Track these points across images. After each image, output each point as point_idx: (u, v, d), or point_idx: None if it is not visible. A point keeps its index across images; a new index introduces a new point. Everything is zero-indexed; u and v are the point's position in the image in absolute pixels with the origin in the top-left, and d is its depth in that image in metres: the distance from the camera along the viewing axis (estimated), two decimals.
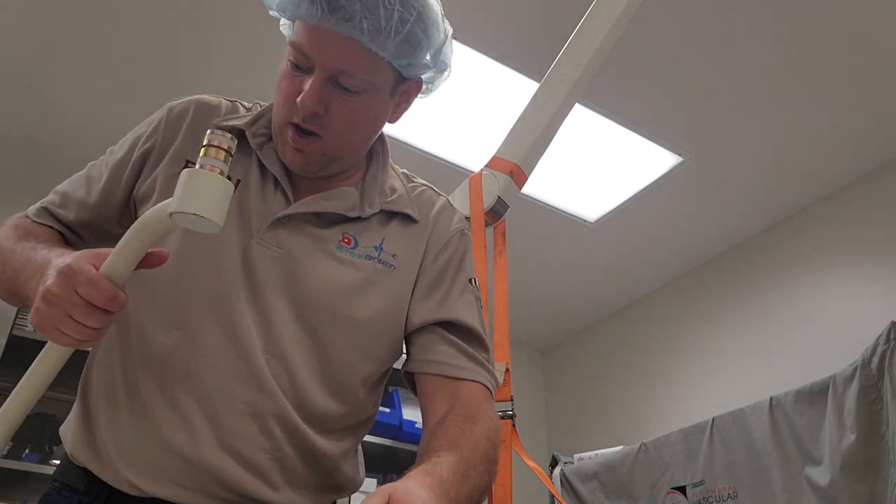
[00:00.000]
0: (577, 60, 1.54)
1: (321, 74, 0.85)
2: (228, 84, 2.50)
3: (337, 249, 0.91)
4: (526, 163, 1.54)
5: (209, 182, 0.65)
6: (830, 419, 1.85)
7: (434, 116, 2.64)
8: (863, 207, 2.83)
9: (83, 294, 0.69)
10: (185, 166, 0.92)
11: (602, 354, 3.92)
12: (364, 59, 0.85)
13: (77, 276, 0.69)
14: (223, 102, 1.01)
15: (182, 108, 0.99)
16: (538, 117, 1.54)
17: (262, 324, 0.85)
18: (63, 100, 2.63)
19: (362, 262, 0.91)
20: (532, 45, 2.34)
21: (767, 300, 3.08)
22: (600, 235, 3.27)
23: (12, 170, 2.91)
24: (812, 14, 2.22)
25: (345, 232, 0.92)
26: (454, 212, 1.04)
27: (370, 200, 0.95)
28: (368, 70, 0.86)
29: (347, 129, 0.90)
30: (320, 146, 0.90)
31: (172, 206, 0.64)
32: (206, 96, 1.01)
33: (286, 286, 0.87)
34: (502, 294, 1.40)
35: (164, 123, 0.98)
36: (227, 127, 0.95)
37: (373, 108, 0.91)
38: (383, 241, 0.94)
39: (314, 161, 0.91)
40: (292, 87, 0.87)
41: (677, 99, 2.56)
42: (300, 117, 0.87)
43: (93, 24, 2.32)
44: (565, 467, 2.74)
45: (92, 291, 0.69)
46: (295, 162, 0.91)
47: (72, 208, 0.97)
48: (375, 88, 0.89)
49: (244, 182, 0.93)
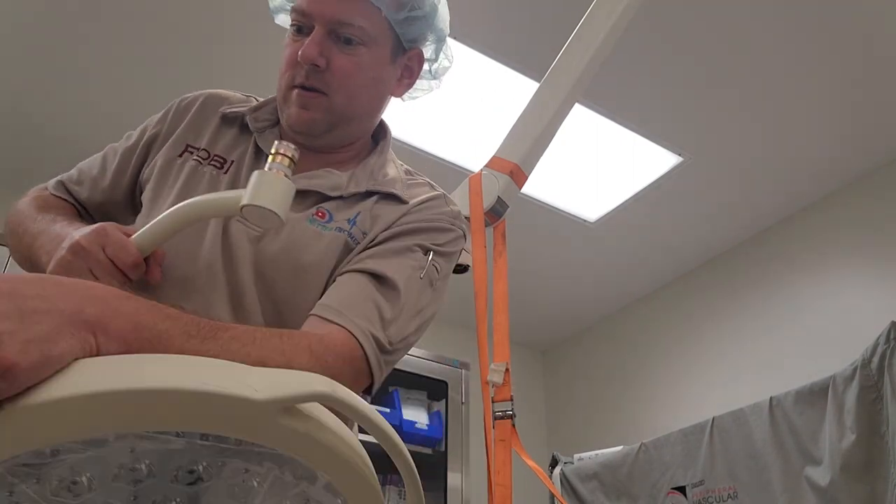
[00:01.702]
0: (577, 60, 1.54)
1: (321, 28, 0.89)
2: (241, 91, 2.50)
3: (308, 221, 0.89)
4: (526, 163, 1.54)
5: (277, 182, 0.74)
6: (830, 419, 1.85)
7: (434, 116, 2.64)
8: (863, 207, 2.83)
9: (110, 253, 0.73)
10: (184, 150, 0.96)
11: (602, 354, 3.92)
12: (361, 9, 0.90)
13: (108, 236, 0.73)
14: (235, 95, 1.04)
15: (192, 98, 1.03)
16: (538, 117, 1.54)
17: (234, 300, 0.85)
18: (65, 99, 2.64)
19: (331, 234, 0.89)
20: (532, 45, 2.34)
21: (767, 300, 3.08)
22: (600, 235, 3.27)
23: (12, 169, 2.91)
24: (812, 14, 2.22)
25: (320, 207, 0.91)
26: (445, 203, 0.97)
27: (356, 182, 0.94)
28: (365, 18, 0.90)
29: (350, 85, 0.91)
30: (325, 102, 0.91)
31: (245, 199, 0.72)
32: (220, 90, 1.04)
33: (254, 262, 0.87)
34: (502, 294, 1.40)
35: (174, 112, 1.01)
36: (233, 114, 0.98)
37: (373, 65, 0.93)
38: (357, 215, 0.91)
39: (320, 120, 0.92)
40: (293, 51, 0.91)
41: (677, 99, 2.56)
42: (303, 75, 0.90)
43: (97, 25, 2.32)
44: (565, 467, 2.73)
45: (120, 252, 0.73)
46: (301, 120, 0.91)
47: (86, 186, 1.00)
48: (374, 41, 0.92)
49: (237, 164, 0.95)
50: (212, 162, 0.95)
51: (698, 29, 2.29)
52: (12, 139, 2.81)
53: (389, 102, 1.03)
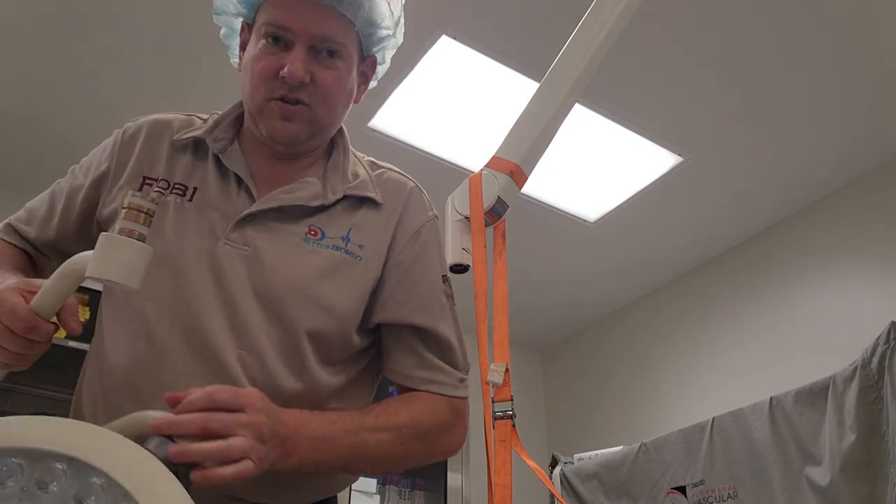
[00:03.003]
0: (577, 60, 1.53)
1: (304, 44, 0.90)
2: (240, 90, 2.50)
3: (303, 241, 0.92)
4: (526, 163, 1.54)
5: (125, 248, 0.68)
6: (830, 419, 1.85)
7: (434, 116, 2.64)
8: (863, 208, 2.83)
9: (4, 321, 0.73)
10: (143, 183, 0.95)
11: (602, 354, 3.92)
12: (340, 25, 0.92)
13: (1, 304, 0.74)
14: (177, 118, 1.03)
15: (136, 128, 1.01)
16: (538, 117, 1.53)
17: (233, 322, 0.86)
18: (65, 99, 2.64)
19: (328, 252, 0.92)
20: (532, 45, 2.34)
21: (767, 300, 3.08)
22: (600, 235, 3.27)
23: (14, 169, 2.91)
24: (812, 14, 2.22)
25: (311, 224, 0.94)
26: (423, 196, 1.04)
27: (333, 187, 0.96)
28: (345, 36, 0.93)
29: (330, 97, 0.94)
30: (308, 114, 0.93)
31: (89, 269, 0.68)
32: (160, 115, 1.03)
33: (253, 281, 0.88)
34: (502, 294, 1.40)
35: (119, 146, 1.00)
36: (186, 139, 0.98)
37: (348, 78, 0.96)
38: (350, 230, 0.95)
39: (302, 131, 0.94)
40: (270, 64, 0.91)
41: (677, 99, 2.56)
42: (286, 89, 0.90)
43: (97, 26, 2.32)
44: (565, 467, 2.73)
45: (11, 320, 0.73)
46: (285, 132, 0.93)
47: (34, 225, 1.00)
48: (349, 57, 0.95)
49: (202, 188, 0.94)
50: (174, 191, 0.94)
51: (698, 29, 2.29)
52: (12, 140, 2.81)
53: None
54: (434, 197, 1.07)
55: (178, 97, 2.54)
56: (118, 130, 1.02)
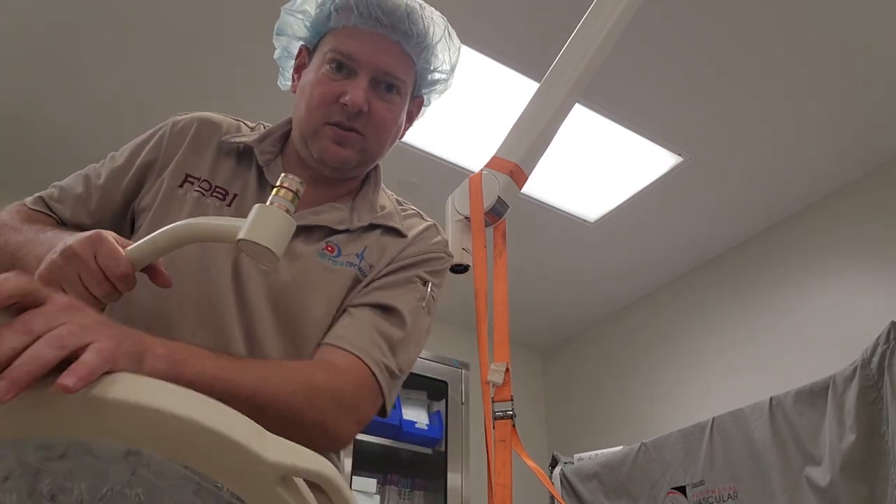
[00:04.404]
0: (577, 60, 1.53)
1: (367, 75, 0.93)
2: (240, 91, 2.50)
3: (319, 255, 0.93)
4: (526, 163, 1.54)
5: (278, 218, 0.71)
6: (830, 419, 1.85)
7: (434, 116, 2.64)
8: (863, 208, 2.83)
9: (101, 262, 0.70)
10: (184, 180, 0.94)
11: (602, 354, 3.92)
12: (404, 62, 0.96)
13: (101, 244, 0.70)
14: (227, 120, 1.03)
15: (185, 123, 1.00)
16: (538, 117, 1.53)
17: (248, 332, 0.86)
18: (65, 100, 2.64)
19: (341, 269, 0.93)
20: (532, 45, 2.34)
21: (767, 300, 3.08)
22: (600, 235, 3.27)
23: (11, 170, 2.91)
24: (812, 14, 2.22)
25: (329, 241, 0.95)
26: (437, 233, 1.04)
27: (359, 216, 0.98)
28: (405, 74, 0.97)
29: (383, 130, 0.96)
30: (361, 142, 0.95)
31: (242, 233, 0.69)
32: (210, 114, 1.03)
33: (268, 293, 0.88)
34: (502, 294, 1.40)
35: (168, 137, 0.99)
36: (234, 144, 0.98)
37: (401, 114, 0.99)
38: (365, 249, 0.96)
39: (353, 157, 0.96)
40: (332, 89, 0.93)
41: (677, 99, 2.56)
42: (344, 116, 0.92)
43: (97, 27, 2.33)
44: (565, 467, 2.73)
45: (110, 262, 0.70)
46: (336, 156, 0.95)
47: (68, 204, 0.97)
48: (405, 94, 0.98)
49: (241, 196, 0.95)
50: (214, 193, 0.94)
51: (698, 30, 2.29)
52: (12, 140, 2.81)
53: None
54: (434, 197, 1.08)
55: (177, 99, 2.54)
56: (168, 122, 1.01)
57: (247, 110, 1.28)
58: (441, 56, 1.01)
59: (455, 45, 1.04)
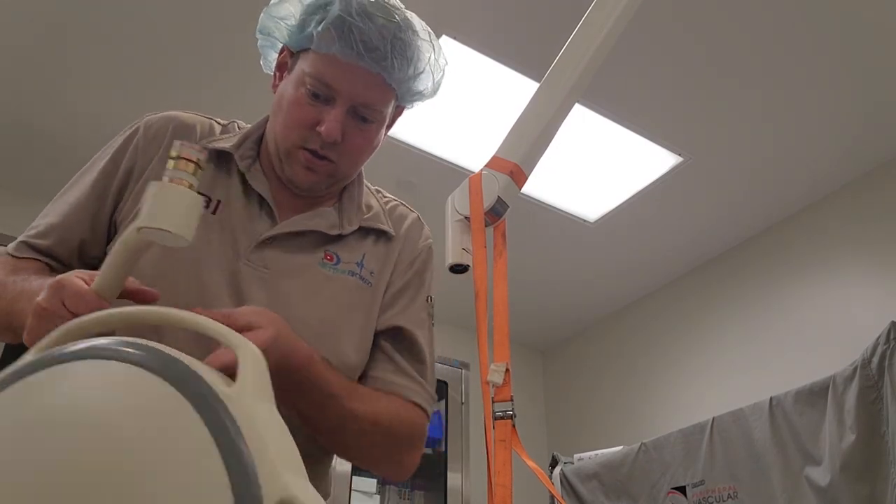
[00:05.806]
0: (577, 60, 1.53)
1: (344, 105, 0.91)
2: (238, 94, 2.50)
3: (320, 265, 0.94)
4: (526, 163, 1.54)
5: (177, 196, 0.63)
6: (830, 419, 1.85)
7: (434, 116, 2.64)
8: (863, 207, 2.83)
9: (69, 306, 0.68)
10: None
11: (602, 354, 3.92)
12: (384, 93, 0.94)
13: (65, 289, 0.69)
14: (199, 122, 1.00)
15: (160, 125, 0.98)
16: (538, 117, 1.53)
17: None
18: (70, 97, 2.64)
19: (345, 278, 0.95)
20: (532, 45, 2.34)
21: (767, 300, 3.08)
22: (600, 235, 3.27)
23: (11, 172, 2.91)
24: (812, 14, 2.22)
25: (327, 250, 0.96)
26: (423, 226, 1.09)
27: (349, 219, 0.99)
28: (385, 103, 0.95)
29: (357, 155, 0.96)
30: (332, 169, 0.94)
31: (139, 221, 0.63)
32: (182, 114, 1.00)
33: (273, 305, 0.85)
34: (502, 294, 1.39)
35: (143, 141, 0.96)
36: (214, 150, 0.95)
37: (377, 136, 0.98)
38: (364, 256, 0.98)
39: (323, 182, 0.96)
40: (308, 115, 0.91)
41: (677, 99, 2.56)
42: (318, 144, 0.91)
43: (97, 29, 2.32)
44: (565, 467, 2.74)
45: (79, 304, 0.68)
46: (306, 180, 0.94)
47: (52, 236, 0.92)
48: (384, 119, 0.97)
49: (226, 203, 0.93)
50: None
51: (698, 29, 2.29)
52: (12, 143, 2.81)
53: None
54: (434, 197, 1.08)
55: (174, 103, 2.53)
56: (138, 125, 0.97)
57: (247, 110, 1.28)
58: (425, 81, 0.99)
59: (440, 67, 1.02)
